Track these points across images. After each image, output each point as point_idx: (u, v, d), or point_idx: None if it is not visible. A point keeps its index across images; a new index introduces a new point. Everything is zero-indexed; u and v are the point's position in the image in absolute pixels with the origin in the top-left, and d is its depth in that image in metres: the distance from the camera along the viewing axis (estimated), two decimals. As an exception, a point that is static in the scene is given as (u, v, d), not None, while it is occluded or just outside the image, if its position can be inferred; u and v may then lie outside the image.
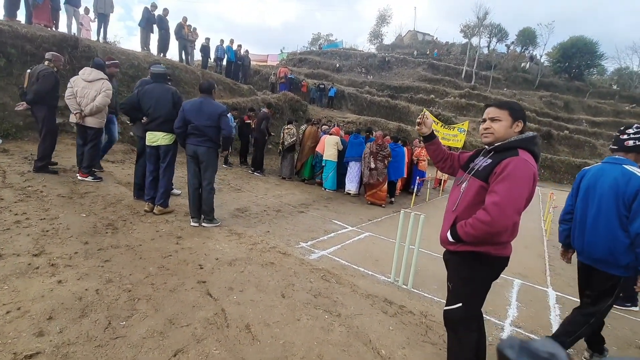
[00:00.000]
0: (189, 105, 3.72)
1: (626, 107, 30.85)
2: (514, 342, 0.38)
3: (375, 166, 6.74)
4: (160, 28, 10.47)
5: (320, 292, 2.86)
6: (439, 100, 25.69)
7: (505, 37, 41.25)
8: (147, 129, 3.87)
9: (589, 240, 2.22)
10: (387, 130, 14.02)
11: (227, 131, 3.84)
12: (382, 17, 45.87)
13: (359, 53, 35.63)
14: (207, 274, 2.88)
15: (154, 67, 3.99)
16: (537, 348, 0.36)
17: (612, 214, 2.11)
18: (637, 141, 2.17)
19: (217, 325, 2.20)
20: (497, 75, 33.63)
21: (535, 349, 0.36)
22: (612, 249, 2.09)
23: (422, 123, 1.95)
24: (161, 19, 10.46)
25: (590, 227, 2.21)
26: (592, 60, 35.24)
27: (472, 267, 1.70)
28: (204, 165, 3.77)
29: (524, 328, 2.78)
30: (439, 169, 2.10)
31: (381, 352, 2.19)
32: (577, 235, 2.32)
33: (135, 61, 8.69)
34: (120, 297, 2.35)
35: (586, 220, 2.25)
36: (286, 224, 4.71)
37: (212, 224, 3.96)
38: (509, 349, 0.37)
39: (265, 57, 28.40)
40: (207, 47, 12.73)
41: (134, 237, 3.34)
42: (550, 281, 4.04)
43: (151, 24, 10.27)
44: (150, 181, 3.95)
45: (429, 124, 1.96)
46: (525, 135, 1.65)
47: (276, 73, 16.34)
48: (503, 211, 1.49)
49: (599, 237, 2.15)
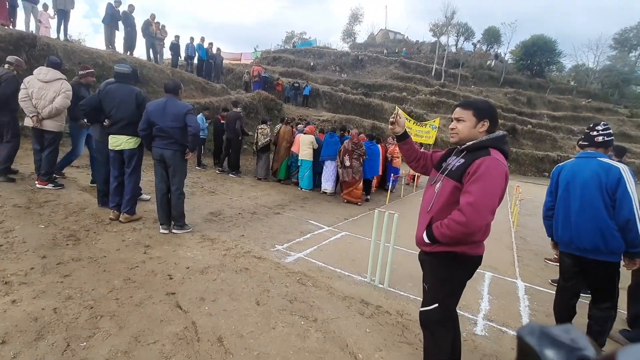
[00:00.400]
0: (153, 106, 3.53)
1: (583, 102, 32.98)
2: (534, 328, 0.37)
3: (351, 164, 6.76)
4: (126, 25, 9.96)
5: (296, 297, 2.81)
6: (411, 98, 26.27)
7: (471, 36, 42.81)
8: (110, 132, 3.65)
9: (576, 232, 2.32)
10: (361, 128, 14.16)
11: (194, 128, 3.59)
12: (355, 15, 46.28)
13: (333, 51, 35.72)
14: (176, 284, 2.75)
15: (118, 66, 3.76)
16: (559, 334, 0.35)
17: (598, 204, 2.23)
18: (606, 137, 2.36)
19: (187, 340, 2.10)
20: (465, 73, 34.84)
21: (557, 335, 0.35)
22: (603, 236, 2.21)
23: (395, 122, 1.94)
24: (127, 16, 9.95)
25: (576, 219, 2.32)
26: (551, 58, 37.28)
27: (448, 267, 1.71)
28: (171, 169, 3.61)
29: (496, 321, 2.87)
30: (412, 168, 2.11)
31: (358, 356, 2.18)
32: (562, 228, 2.42)
33: (100, 60, 8.22)
34: (80, 315, 2.19)
35: (570, 214, 2.35)
36: (261, 227, 4.62)
37: (183, 230, 3.80)
38: (530, 335, 0.36)
39: (238, 55, 27.81)
40: (176, 45, 12.30)
41: (98, 248, 3.14)
42: (518, 272, 4.20)
43: (116, 21, 9.76)
44: (115, 187, 3.74)
45: (402, 123, 1.95)
46: (496, 134, 1.67)
47: (250, 72, 16.03)
48: (478, 211, 1.50)
49: (587, 228, 2.26)
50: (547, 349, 0.35)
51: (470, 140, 1.70)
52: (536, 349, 0.35)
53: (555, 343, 0.35)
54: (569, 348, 0.35)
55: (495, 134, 1.67)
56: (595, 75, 39.47)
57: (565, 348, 0.35)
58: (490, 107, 1.74)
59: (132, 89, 3.70)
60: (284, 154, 7.93)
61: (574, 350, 0.34)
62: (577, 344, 0.35)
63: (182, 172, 3.67)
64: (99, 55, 8.39)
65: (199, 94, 10.94)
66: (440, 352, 1.78)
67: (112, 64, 7.83)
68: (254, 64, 18.36)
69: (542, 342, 0.36)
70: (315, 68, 30.21)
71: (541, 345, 0.35)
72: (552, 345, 0.35)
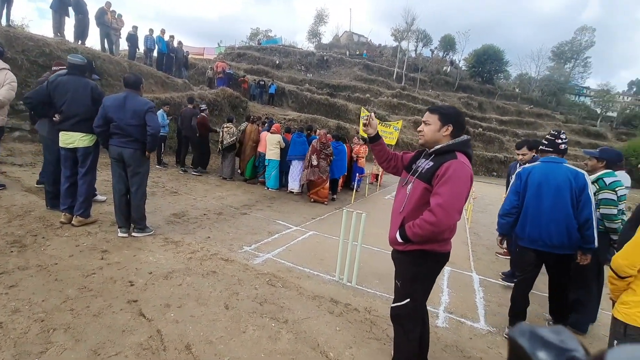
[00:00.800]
0: (111, 101, 3.30)
1: (526, 107, 36.13)
2: (525, 329, 0.37)
3: (318, 163, 6.82)
4: (77, 12, 9.12)
5: (266, 299, 2.80)
6: (374, 99, 27.05)
7: (429, 42, 44.94)
8: (61, 128, 3.35)
9: (546, 230, 2.55)
10: (327, 128, 14.28)
11: (153, 128, 3.41)
12: (320, 16, 46.45)
13: (298, 51, 35.62)
14: (138, 291, 2.61)
15: (71, 57, 3.44)
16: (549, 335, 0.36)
17: (568, 205, 2.49)
18: (565, 145, 2.68)
19: (152, 350, 2.01)
20: (424, 78, 36.58)
21: (548, 336, 0.36)
22: (569, 233, 2.49)
23: (368, 124, 2.00)
24: (78, 2, 9.11)
25: (547, 218, 2.55)
26: (499, 66, 40.36)
27: (420, 264, 1.81)
28: (131, 169, 3.39)
29: (455, 313, 3.07)
30: (384, 169, 2.18)
31: (329, 354, 2.22)
32: (531, 226, 2.63)
33: (47, 48, 7.43)
34: (30, 329, 2.01)
35: (541, 213, 2.57)
36: (228, 228, 4.51)
37: (144, 233, 3.60)
38: (521, 337, 0.37)
39: (201, 49, 26.74)
40: (134, 36, 11.50)
41: (48, 254, 2.88)
42: (473, 266, 4.51)
43: (66, 7, 8.89)
44: (67, 188, 3.44)
45: (375, 125, 2.01)
46: (461, 139, 1.79)
47: (213, 67, 15.46)
48: (447, 211, 1.61)
49: (558, 226, 2.52)
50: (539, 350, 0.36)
51: (435, 142, 1.81)
52: (528, 350, 0.36)
53: (546, 344, 0.36)
54: (559, 349, 0.35)
55: (460, 138, 1.79)
56: (537, 83, 43.40)
57: (555, 349, 0.35)
58: (455, 113, 1.84)
59: (86, 82, 3.42)
60: (250, 153, 7.79)
61: (564, 351, 0.35)
62: (567, 345, 0.36)
63: (144, 171, 3.47)
64: (46, 43, 7.59)
65: (159, 88, 10.36)
66: (409, 344, 1.89)
67: (60, 53, 7.19)
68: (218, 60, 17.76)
69: (534, 344, 0.36)
70: (280, 66, 29.95)
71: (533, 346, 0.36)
72: (543, 346, 0.36)
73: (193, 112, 7.63)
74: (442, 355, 2.40)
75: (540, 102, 39.90)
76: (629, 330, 1.52)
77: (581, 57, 43.46)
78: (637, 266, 1.49)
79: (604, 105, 42.02)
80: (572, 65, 44.13)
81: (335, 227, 5.28)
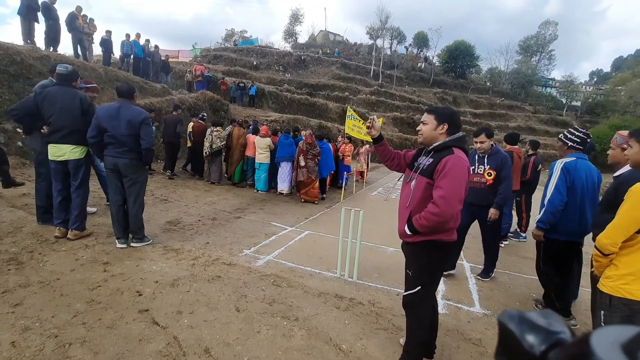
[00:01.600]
0: (104, 110, 3.25)
1: (497, 100, 37.62)
2: (514, 314, 0.39)
3: (306, 164, 6.91)
4: (48, 18, 8.71)
5: (275, 299, 2.88)
6: (353, 97, 27.35)
7: (404, 39, 45.93)
8: (49, 140, 3.27)
9: (585, 221, 2.78)
10: (309, 128, 14.36)
11: (148, 142, 3.37)
12: (295, 15, 46.34)
13: (275, 51, 35.44)
14: (148, 300, 2.63)
15: (60, 67, 3.34)
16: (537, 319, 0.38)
17: (597, 198, 2.80)
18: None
19: (173, 356, 2.06)
20: (400, 74, 37.34)
21: (535, 320, 0.37)
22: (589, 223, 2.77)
23: (371, 127, 2.13)
24: (47, 7, 8.69)
25: (586, 211, 2.77)
26: (471, 61, 41.83)
27: (429, 254, 1.96)
28: (128, 179, 3.36)
29: (452, 299, 3.26)
30: (388, 167, 2.30)
31: (342, 347, 2.33)
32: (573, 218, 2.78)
33: (18, 57, 7.05)
34: (45, 345, 2.00)
35: (584, 206, 2.77)
36: (225, 232, 4.53)
37: (143, 243, 3.58)
38: (510, 321, 0.38)
39: (176, 52, 26.08)
40: (108, 41, 11.10)
41: (48, 270, 2.83)
42: (463, 254, 4.74)
43: (34, 12, 8.47)
44: (60, 202, 3.36)
45: (377, 127, 2.15)
46: (457, 135, 1.94)
47: (192, 71, 15.17)
48: (448, 202, 1.76)
49: (589, 217, 2.76)
50: (527, 333, 0.36)
51: (432, 140, 1.97)
52: (517, 334, 0.37)
53: (534, 327, 0.37)
54: (546, 332, 0.36)
55: (456, 135, 1.95)
56: (506, 77, 45.22)
57: (543, 332, 0.36)
58: (450, 113, 2.00)
59: (75, 92, 3.35)
60: (238, 157, 7.77)
61: (551, 334, 0.36)
62: (553, 327, 0.36)
63: (142, 181, 3.44)
64: (16, 51, 7.20)
65: (138, 94, 10.05)
66: (421, 327, 2.05)
67: (33, 61, 6.89)
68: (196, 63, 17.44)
69: (522, 327, 0.37)
70: (258, 67, 29.70)
71: (521, 330, 0.37)
72: (531, 330, 0.36)
73: (177, 119, 7.60)
74: (445, 340, 2.56)
75: (510, 94, 41.66)
76: (613, 301, 1.72)
77: (546, 50, 45.74)
78: (618, 244, 1.69)
79: (568, 96, 44.43)
80: (538, 58, 46.36)
81: (329, 225, 5.40)
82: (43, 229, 3.57)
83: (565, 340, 0.35)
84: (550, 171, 2.92)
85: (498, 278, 3.90)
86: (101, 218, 4.29)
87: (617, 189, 2.19)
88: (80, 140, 3.32)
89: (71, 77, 3.43)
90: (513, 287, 3.68)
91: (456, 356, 2.38)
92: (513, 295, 3.47)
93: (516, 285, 3.75)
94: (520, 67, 44.87)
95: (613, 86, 42.25)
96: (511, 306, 3.22)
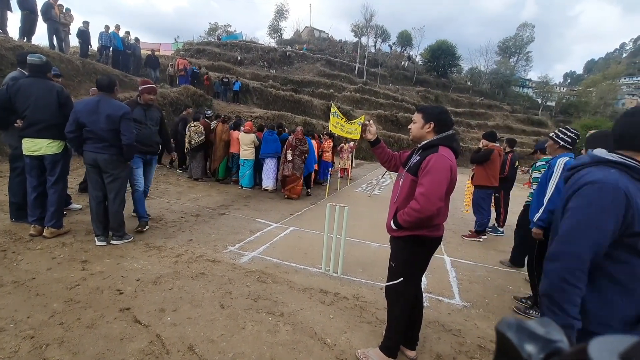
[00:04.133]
0: (82, 105, 3.13)
1: (477, 99, 38.63)
2: (512, 323, 0.38)
3: (293, 159, 6.89)
4: (24, 7, 8.26)
5: (260, 295, 2.88)
6: (338, 95, 27.41)
7: (388, 38, 46.36)
8: (24, 135, 3.13)
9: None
10: (294, 125, 14.31)
11: (128, 138, 3.26)
12: (280, 11, 45.86)
13: (260, 46, 34.98)
14: (129, 299, 2.58)
15: (31, 57, 3.18)
16: (535, 327, 0.37)
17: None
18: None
19: (156, 355, 2.03)
20: (384, 72, 37.71)
21: (533, 328, 0.37)
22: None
23: (367, 131, 2.20)
24: None
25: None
26: (452, 61, 42.70)
27: (411, 248, 2.02)
28: (108, 175, 3.26)
29: (433, 292, 3.35)
30: (386, 168, 2.38)
31: (327, 341, 2.37)
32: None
33: None
34: (20, 347, 1.94)
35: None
36: (209, 229, 4.48)
37: (123, 240, 3.49)
38: (508, 329, 0.38)
39: (157, 46, 25.31)
40: (86, 32, 10.64)
41: (22, 269, 2.73)
42: (444, 249, 4.88)
43: (7, 1, 8.04)
44: (35, 198, 3.23)
45: (374, 131, 2.23)
46: (445, 134, 1.99)
47: (174, 65, 14.75)
48: (428, 199, 1.81)
49: None
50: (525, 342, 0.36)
51: (420, 138, 2.04)
52: (515, 343, 0.36)
53: (532, 336, 0.36)
54: (545, 340, 0.36)
55: (445, 134, 2.00)
56: (486, 76, 46.49)
57: (541, 341, 0.36)
58: (438, 112, 2.04)
59: (51, 85, 3.21)
60: (222, 154, 7.66)
61: (549, 342, 0.35)
62: (552, 336, 0.36)
63: (123, 178, 3.34)
64: None
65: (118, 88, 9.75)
66: (401, 319, 2.12)
67: (5, 51, 6.51)
68: (178, 57, 16.98)
69: (520, 336, 0.36)
70: (242, 63, 29.24)
71: (519, 339, 0.36)
72: (529, 338, 0.36)
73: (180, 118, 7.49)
74: (426, 331, 2.64)
75: (489, 94, 42.84)
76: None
77: (523, 52, 47.23)
78: None
79: (544, 96, 46.14)
80: (516, 59, 47.81)
81: (313, 221, 5.42)
82: (17, 226, 3.42)
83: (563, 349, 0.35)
84: (549, 170, 2.95)
85: (476, 271, 4.05)
86: (80, 215, 4.15)
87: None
88: (57, 134, 3.19)
89: (45, 68, 3.28)
90: (491, 280, 3.83)
91: (437, 347, 2.46)
92: (491, 288, 3.60)
93: (494, 278, 3.89)
94: (499, 67, 46.19)
95: (585, 88, 44.21)
96: (489, 298, 3.35)
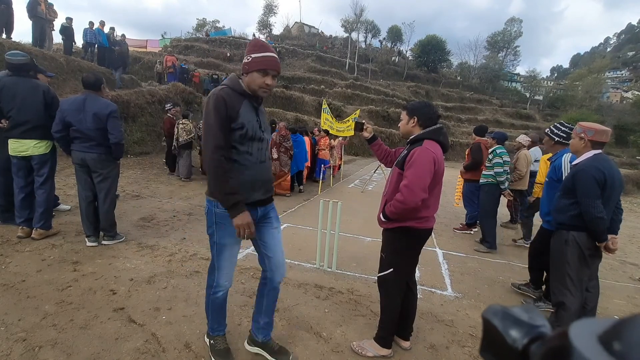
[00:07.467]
0: (68, 104, 3.07)
1: (467, 94, 38.99)
2: (497, 310, 0.40)
3: (278, 157, 6.88)
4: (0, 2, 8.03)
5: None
6: (329, 91, 27.33)
7: (378, 33, 46.36)
8: (10, 136, 3.06)
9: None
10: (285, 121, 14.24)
11: (117, 137, 3.20)
12: (269, 6, 45.39)
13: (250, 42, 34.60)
14: (123, 298, 2.56)
15: (10, 56, 3.09)
16: (519, 314, 0.39)
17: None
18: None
19: (152, 353, 2.03)
20: (375, 68, 37.74)
21: (518, 314, 0.39)
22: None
23: (364, 130, 2.31)
24: None
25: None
26: (442, 56, 42.93)
27: (400, 239, 2.08)
28: (98, 175, 3.21)
29: (426, 284, 3.41)
30: (385, 165, 2.44)
31: (322, 334, 2.40)
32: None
33: None
34: (12, 350, 1.92)
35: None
36: (202, 227, 4.45)
37: (115, 241, 3.45)
38: (494, 316, 0.39)
39: (144, 42, 24.83)
40: (69, 29, 10.37)
41: (11, 272, 2.68)
42: (436, 242, 4.96)
43: None
44: (22, 200, 3.16)
45: (370, 130, 2.33)
46: (431, 128, 2.04)
47: (162, 62, 14.49)
48: (411, 190, 1.87)
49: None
50: (510, 328, 0.37)
51: (407, 134, 2.11)
52: (500, 329, 0.38)
53: (516, 322, 0.38)
54: (528, 326, 0.37)
55: (430, 128, 2.04)
56: (475, 71, 46.90)
57: (525, 326, 0.37)
58: (420, 107, 2.08)
59: (37, 84, 3.13)
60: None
61: (532, 328, 0.37)
62: (535, 321, 0.38)
63: (113, 177, 3.30)
64: None
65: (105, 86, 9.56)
66: (392, 308, 2.17)
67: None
68: (166, 53, 16.68)
69: (505, 323, 0.38)
70: (232, 59, 28.89)
71: (504, 325, 0.38)
72: (513, 324, 0.38)
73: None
74: (419, 322, 2.69)
75: (479, 88, 43.27)
76: None
77: (512, 47, 47.73)
78: None
79: (532, 90, 46.75)
80: (504, 54, 48.32)
81: (307, 218, 5.44)
82: (4, 228, 3.36)
83: (545, 334, 0.36)
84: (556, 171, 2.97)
85: (468, 263, 4.12)
86: (69, 216, 4.09)
87: (575, 176, 2.37)
88: (44, 134, 3.13)
89: (27, 67, 3.20)
90: (481, 271, 3.90)
91: (430, 337, 2.51)
92: (482, 279, 3.68)
93: (484, 269, 3.97)
94: (488, 62, 46.63)
95: (571, 81, 44.88)
96: (480, 288, 3.43)
